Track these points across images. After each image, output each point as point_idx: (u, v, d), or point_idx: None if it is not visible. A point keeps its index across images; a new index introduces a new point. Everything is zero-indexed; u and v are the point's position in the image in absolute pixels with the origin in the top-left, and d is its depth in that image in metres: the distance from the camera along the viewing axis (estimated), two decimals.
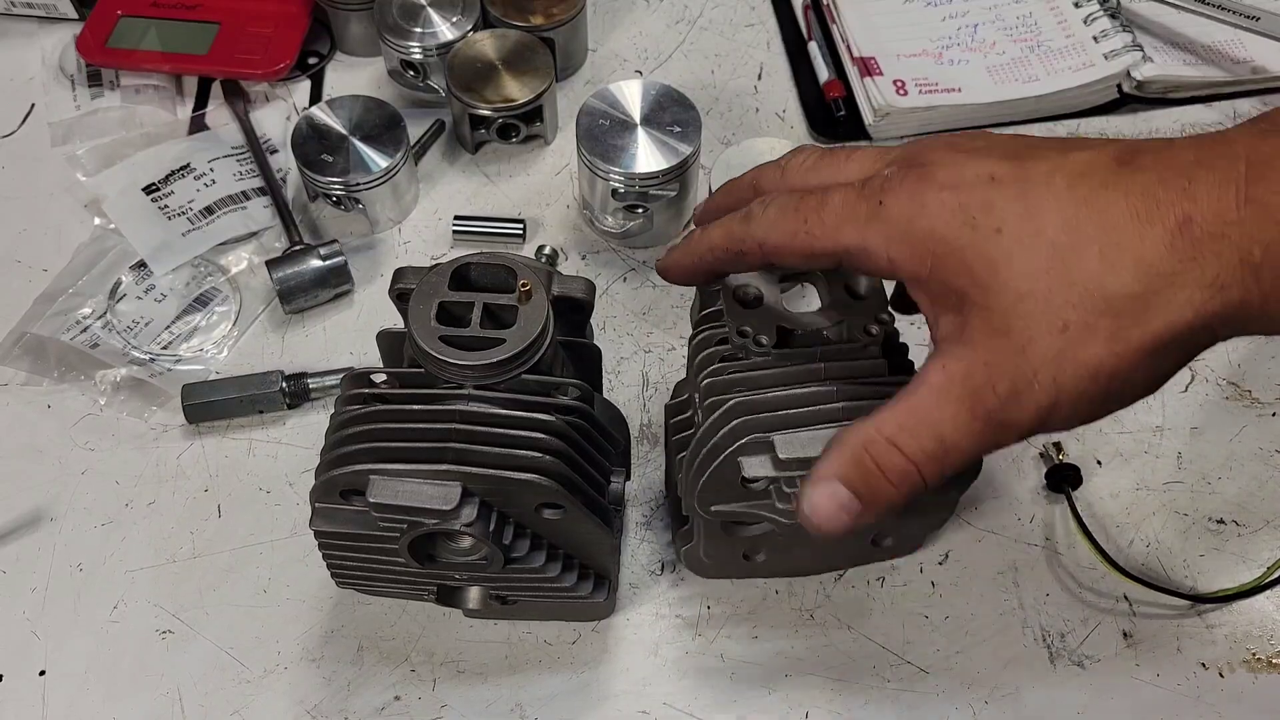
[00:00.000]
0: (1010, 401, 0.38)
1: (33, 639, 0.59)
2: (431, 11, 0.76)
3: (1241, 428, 0.65)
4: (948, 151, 0.41)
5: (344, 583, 0.56)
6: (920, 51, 0.80)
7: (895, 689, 0.57)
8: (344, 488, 0.48)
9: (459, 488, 0.46)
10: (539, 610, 0.58)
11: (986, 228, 0.39)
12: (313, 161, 0.70)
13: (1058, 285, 0.37)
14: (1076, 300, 0.37)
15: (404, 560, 0.50)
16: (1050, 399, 0.38)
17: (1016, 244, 0.38)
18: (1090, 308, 0.37)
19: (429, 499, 0.46)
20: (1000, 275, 0.38)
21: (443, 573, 0.52)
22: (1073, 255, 0.37)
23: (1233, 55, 0.79)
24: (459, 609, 0.57)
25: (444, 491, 0.46)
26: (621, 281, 0.71)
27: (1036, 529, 0.62)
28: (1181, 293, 0.36)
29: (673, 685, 0.57)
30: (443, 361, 0.47)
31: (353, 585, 0.56)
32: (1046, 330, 0.37)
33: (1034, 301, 0.38)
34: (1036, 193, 0.39)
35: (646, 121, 0.68)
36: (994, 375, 0.38)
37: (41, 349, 0.68)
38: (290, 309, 0.69)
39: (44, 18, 0.85)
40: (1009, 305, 0.38)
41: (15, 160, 0.78)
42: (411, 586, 0.54)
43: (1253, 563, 0.60)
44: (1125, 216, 0.37)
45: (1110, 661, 0.58)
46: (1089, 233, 0.37)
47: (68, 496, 0.64)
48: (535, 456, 0.47)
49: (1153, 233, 0.37)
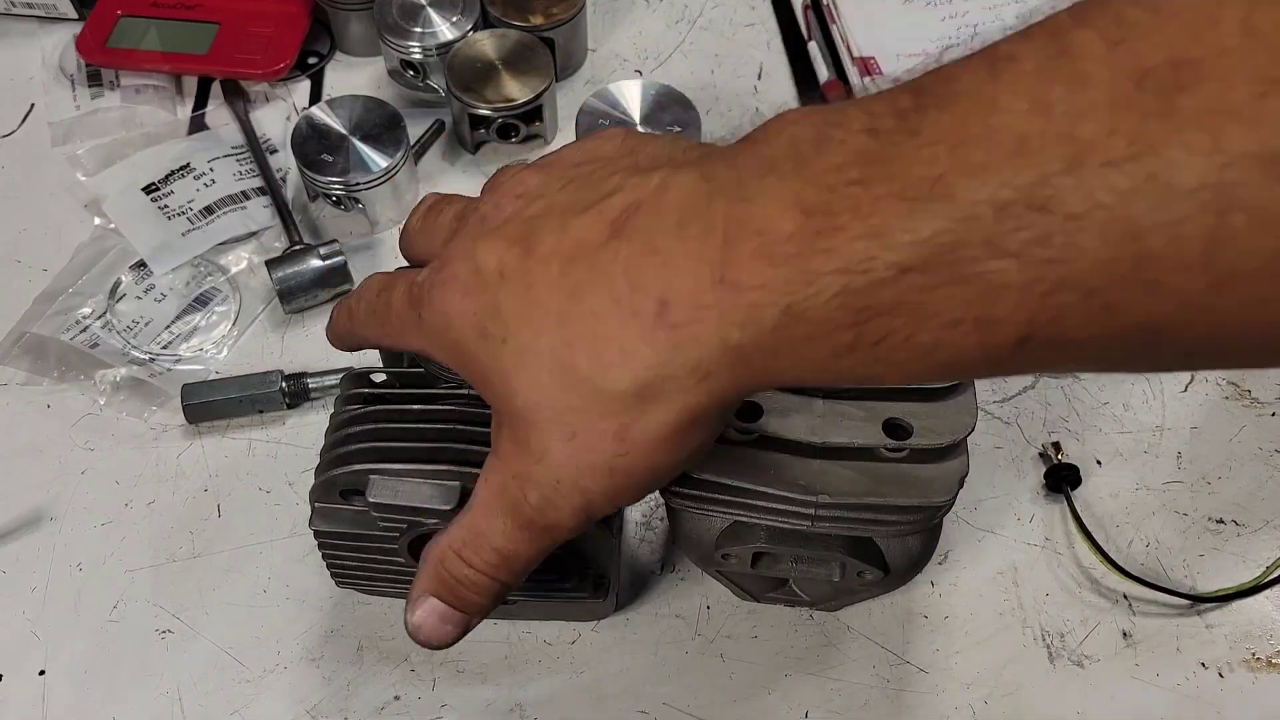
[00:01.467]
0: (545, 509, 0.38)
1: (33, 639, 0.59)
2: (431, 11, 0.76)
3: (1241, 427, 0.65)
4: (472, 239, 0.39)
5: (344, 582, 0.56)
6: (920, 51, 0.80)
7: (895, 689, 0.57)
8: (344, 488, 0.48)
9: (459, 487, 0.46)
10: (538, 611, 0.58)
11: (495, 338, 0.37)
12: (313, 161, 0.70)
13: (560, 391, 0.36)
14: (579, 404, 0.36)
15: (404, 560, 0.50)
16: (581, 500, 0.38)
17: (519, 353, 0.37)
18: (590, 411, 0.36)
19: (429, 499, 0.46)
20: (511, 385, 0.37)
21: None
22: (570, 356, 0.36)
23: None
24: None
25: (444, 491, 0.46)
26: None
27: (1036, 529, 0.62)
28: (671, 383, 0.34)
29: (673, 685, 0.57)
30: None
31: (352, 585, 0.56)
32: (558, 439, 0.37)
33: (543, 411, 0.37)
34: (536, 289, 0.36)
35: (646, 121, 0.68)
36: (524, 487, 0.38)
37: (41, 349, 0.68)
38: (290, 309, 0.69)
39: (44, 18, 0.85)
40: (524, 416, 0.37)
41: (15, 160, 0.78)
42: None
43: (1253, 562, 0.60)
44: (609, 305, 0.35)
45: (1110, 661, 0.58)
46: (579, 330, 0.35)
47: (67, 496, 0.64)
48: None
49: (635, 323, 0.34)
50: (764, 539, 0.50)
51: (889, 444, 0.45)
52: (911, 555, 0.52)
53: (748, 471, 0.46)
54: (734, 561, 0.52)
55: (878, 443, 0.45)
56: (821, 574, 0.53)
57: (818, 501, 0.45)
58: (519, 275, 0.37)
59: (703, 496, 0.47)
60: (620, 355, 0.35)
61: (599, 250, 0.35)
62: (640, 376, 0.35)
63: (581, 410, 0.36)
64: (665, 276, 0.34)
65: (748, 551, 0.52)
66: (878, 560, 0.51)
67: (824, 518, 0.46)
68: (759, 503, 0.46)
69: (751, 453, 0.46)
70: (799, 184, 0.32)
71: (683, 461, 0.38)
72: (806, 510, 0.46)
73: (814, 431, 0.46)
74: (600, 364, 0.35)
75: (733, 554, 0.52)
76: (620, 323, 0.35)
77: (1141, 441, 0.64)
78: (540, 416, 0.37)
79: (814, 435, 0.45)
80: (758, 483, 0.45)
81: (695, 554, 0.54)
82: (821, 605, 0.58)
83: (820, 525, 0.47)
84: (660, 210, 0.35)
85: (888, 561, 0.51)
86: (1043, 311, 0.29)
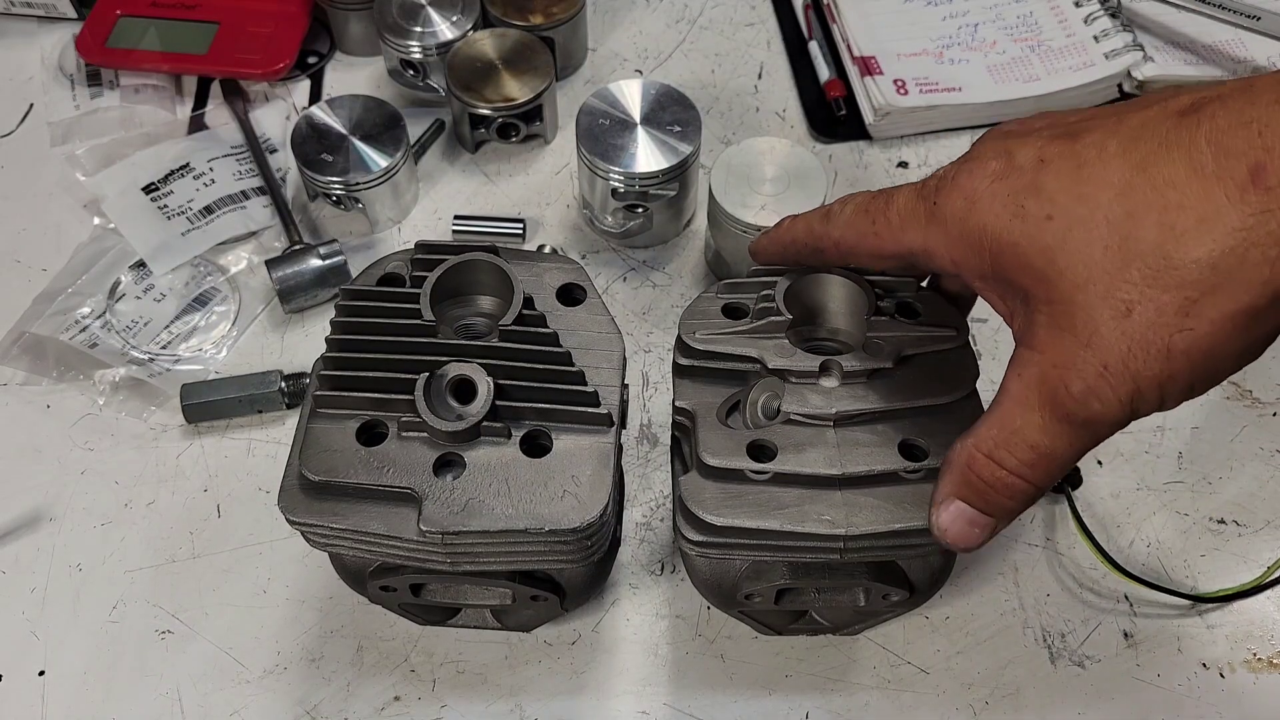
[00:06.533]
0: (1088, 399, 0.36)
1: (32, 639, 0.59)
2: (431, 11, 0.76)
3: (1242, 428, 0.65)
4: (1000, 140, 0.39)
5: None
6: (921, 51, 0.80)
7: (895, 689, 0.57)
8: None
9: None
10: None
11: (1037, 215, 0.36)
12: (312, 161, 0.70)
13: (1116, 265, 0.34)
14: (1138, 278, 0.34)
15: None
16: (1129, 389, 0.35)
17: (1069, 228, 0.35)
18: (1154, 283, 0.34)
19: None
20: (1057, 264, 0.36)
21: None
22: (1131, 227, 0.34)
23: (1233, 55, 0.79)
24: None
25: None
26: (621, 281, 0.71)
27: (1036, 529, 0.62)
28: (1255, 251, 0.33)
29: (673, 685, 0.57)
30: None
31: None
32: (1110, 317, 0.35)
33: (1094, 288, 0.35)
34: (1088, 167, 0.36)
35: (646, 121, 0.68)
36: (1065, 376, 0.36)
37: (40, 348, 0.68)
38: (290, 308, 0.69)
39: (43, 17, 0.85)
40: (1069, 296, 0.36)
41: (14, 160, 0.78)
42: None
43: (1253, 563, 0.60)
44: (1187, 173, 0.34)
45: (1110, 661, 0.58)
46: (1147, 199, 0.34)
47: (67, 496, 0.64)
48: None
49: (1220, 187, 0.33)
50: (787, 575, 0.50)
51: (908, 466, 0.45)
52: (934, 572, 0.52)
53: (772, 513, 0.45)
54: (758, 600, 0.52)
55: (897, 466, 0.45)
56: (846, 601, 0.53)
57: (847, 535, 0.44)
58: (1065, 158, 0.36)
59: (728, 543, 0.46)
60: (1198, 221, 0.33)
61: (1173, 128, 0.35)
62: (1221, 244, 0.33)
63: (1142, 283, 0.34)
64: (1262, 143, 0.33)
65: (771, 590, 0.51)
66: (902, 581, 0.51)
67: (854, 549, 0.46)
68: (787, 543, 0.46)
69: (771, 492, 0.45)
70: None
71: (1242, 353, 0.35)
72: (835, 545, 0.45)
73: (832, 463, 0.45)
74: (1173, 232, 0.34)
75: (757, 593, 0.51)
76: (1201, 189, 0.33)
77: (1142, 442, 0.64)
78: (1091, 294, 0.35)
79: (833, 467, 0.45)
80: (785, 523, 0.45)
81: (716, 598, 0.54)
82: (844, 630, 0.57)
83: (850, 556, 0.46)
84: (1250, 93, 0.34)
85: (911, 581, 0.51)
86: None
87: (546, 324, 0.48)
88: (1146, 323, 0.34)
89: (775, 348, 0.48)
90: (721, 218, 0.66)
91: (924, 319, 0.48)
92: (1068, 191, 0.36)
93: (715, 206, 0.66)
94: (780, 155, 0.67)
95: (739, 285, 0.50)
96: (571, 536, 0.45)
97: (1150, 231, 0.34)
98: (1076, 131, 0.37)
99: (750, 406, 0.48)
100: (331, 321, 0.48)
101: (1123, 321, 0.35)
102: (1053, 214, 0.36)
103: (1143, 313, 0.34)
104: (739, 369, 0.48)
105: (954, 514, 0.41)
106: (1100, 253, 0.35)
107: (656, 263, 0.72)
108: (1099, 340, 0.35)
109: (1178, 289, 0.34)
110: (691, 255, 0.73)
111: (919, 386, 0.47)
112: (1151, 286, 0.34)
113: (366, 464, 0.45)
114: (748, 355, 0.48)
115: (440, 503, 0.45)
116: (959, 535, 0.41)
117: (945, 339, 0.48)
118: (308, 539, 0.48)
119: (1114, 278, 0.35)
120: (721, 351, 0.48)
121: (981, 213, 0.38)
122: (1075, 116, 0.39)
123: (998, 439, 0.39)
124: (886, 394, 0.46)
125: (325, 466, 0.46)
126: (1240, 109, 0.34)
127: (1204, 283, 0.34)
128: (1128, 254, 0.34)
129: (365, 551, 0.48)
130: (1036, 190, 0.37)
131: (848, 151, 0.77)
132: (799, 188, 0.65)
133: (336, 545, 0.48)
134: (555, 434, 0.47)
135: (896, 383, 0.47)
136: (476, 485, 0.45)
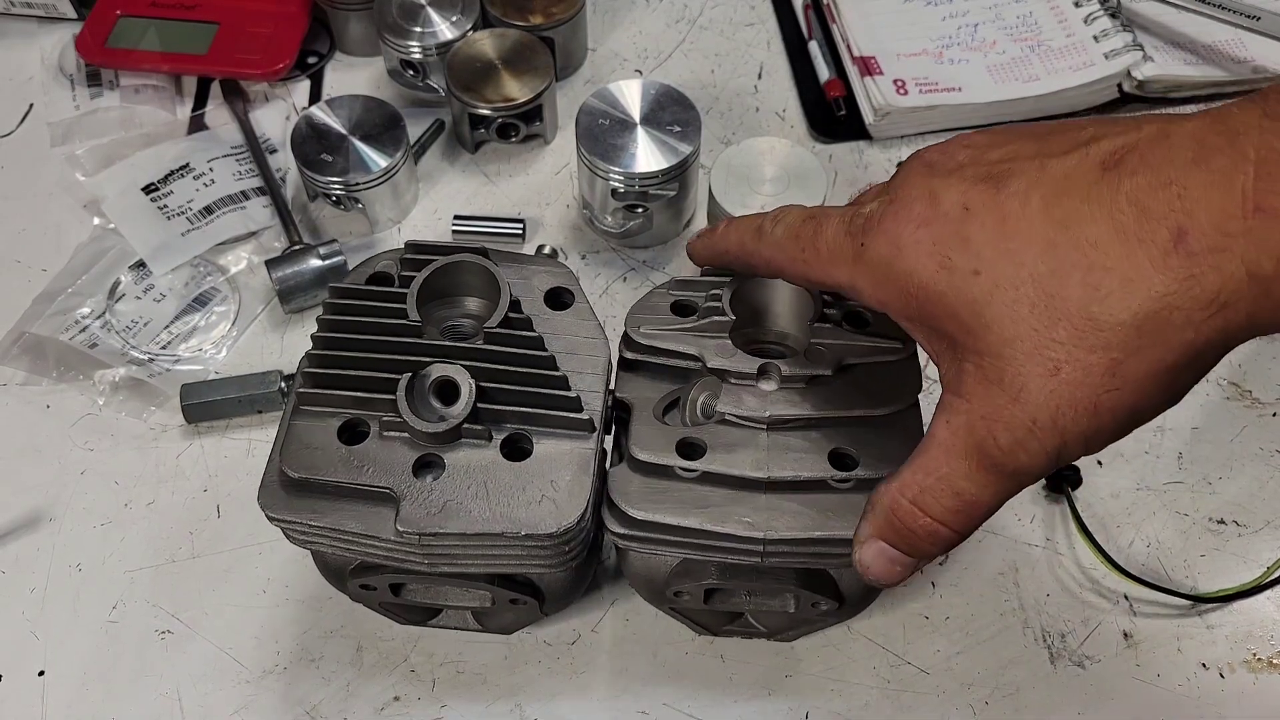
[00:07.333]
0: (1015, 451, 0.37)
1: (32, 639, 0.59)
2: (431, 11, 0.76)
3: (1242, 428, 0.65)
4: (924, 178, 0.39)
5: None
6: (920, 51, 0.80)
7: (895, 689, 0.57)
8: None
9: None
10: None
11: (964, 269, 0.36)
12: (312, 161, 0.70)
13: (1043, 323, 0.35)
14: (1065, 337, 0.35)
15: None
16: (1056, 442, 0.36)
17: (996, 284, 0.36)
18: (1081, 343, 0.35)
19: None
20: (984, 319, 0.36)
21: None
22: (1056, 286, 0.35)
23: (1233, 55, 0.79)
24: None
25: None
26: (621, 281, 0.71)
27: (1036, 529, 0.62)
28: (1178, 314, 0.33)
29: (673, 685, 0.57)
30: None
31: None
32: (1038, 374, 0.35)
33: (1021, 344, 0.36)
34: (1013, 221, 0.36)
35: (646, 121, 0.68)
36: (993, 428, 0.37)
37: (40, 349, 0.68)
38: (290, 309, 0.69)
39: (43, 18, 0.85)
40: (997, 350, 0.36)
41: (14, 160, 0.78)
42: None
43: (1253, 563, 0.60)
44: (1110, 234, 0.34)
45: (1110, 661, 0.58)
46: (1071, 258, 0.35)
47: (67, 497, 0.64)
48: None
49: (1142, 251, 0.34)
50: (715, 575, 0.50)
51: (836, 475, 0.45)
52: (866, 584, 0.51)
53: (694, 511, 0.45)
54: (687, 599, 0.52)
55: (825, 475, 0.45)
56: (776, 606, 0.53)
57: (765, 539, 0.45)
58: (989, 209, 0.37)
59: (650, 538, 0.47)
60: (1122, 283, 0.34)
61: (1094, 184, 0.35)
62: (1145, 307, 0.34)
63: (1069, 342, 0.35)
64: (1183, 206, 0.33)
65: (700, 588, 0.51)
66: (831, 591, 0.51)
67: (773, 554, 0.46)
68: (707, 542, 0.46)
69: (697, 491, 0.46)
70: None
71: (1166, 404, 0.36)
72: (755, 548, 0.45)
73: (759, 466, 0.45)
74: (1097, 293, 0.34)
75: (685, 591, 0.51)
76: (1124, 251, 0.34)
77: (1142, 442, 0.64)
78: (1018, 350, 0.36)
79: (759, 470, 0.45)
80: (705, 522, 0.45)
81: (647, 592, 0.54)
82: (779, 635, 0.58)
83: (771, 560, 0.46)
84: (1168, 148, 0.34)
85: (841, 591, 0.51)
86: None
87: (533, 327, 0.48)
88: (1074, 382, 0.35)
89: (717, 347, 0.48)
90: (722, 218, 0.66)
91: (872, 329, 0.48)
92: (993, 246, 0.36)
93: (715, 206, 0.66)
94: (780, 155, 0.67)
95: (689, 283, 0.51)
96: (548, 541, 0.45)
97: (1075, 290, 0.35)
98: (1000, 176, 0.37)
99: (690, 405, 0.48)
100: (318, 319, 0.48)
101: (1050, 380, 0.35)
102: (979, 269, 0.36)
103: (1070, 372, 0.35)
104: (681, 366, 0.49)
105: (875, 552, 0.42)
106: (1027, 311, 0.35)
107: (656, 263, 0.72)
108: (1027, 396, 0.36)
109: (1104, 350, 0.35)
110: None
111: (857, 396, 0.47)
112: (1078, 347, 0.35)
113: (346, 462, 0.46)
114: (689, 353, 0.48)
115: (418, 503, 0.45)
116: (881, 572, 0.42)
117: (890, 350, 0.48)
118: (288, 536, 0.48)
119: (1041, 336, 0.35)
120: (663, 348, 0.49)
121: (908, 259, 0.38)
122: (997, 154, 0.39)
123: (923, 485, 0.39)
124: (823, 401, 0.47)
125: (305, 464, 0.46)
126: (1159, 167, 0.34)
127: (1129, 344, 0.34)
128: (1054, 313, 0.35)
129: (344, 550, 0.48)
130: (963, 242, 0.37)
131: (848, 151, 0.77)
132: (799, 188, 0.65)
133: (316, 543, 0.48)
134: (536, 438, 0.47)
135: (835, 391, 0.47)
136: (455, 487, 0.45)
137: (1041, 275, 0.35)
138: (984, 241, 0.36)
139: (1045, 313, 0.35)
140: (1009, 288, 0.36)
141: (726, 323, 0.49)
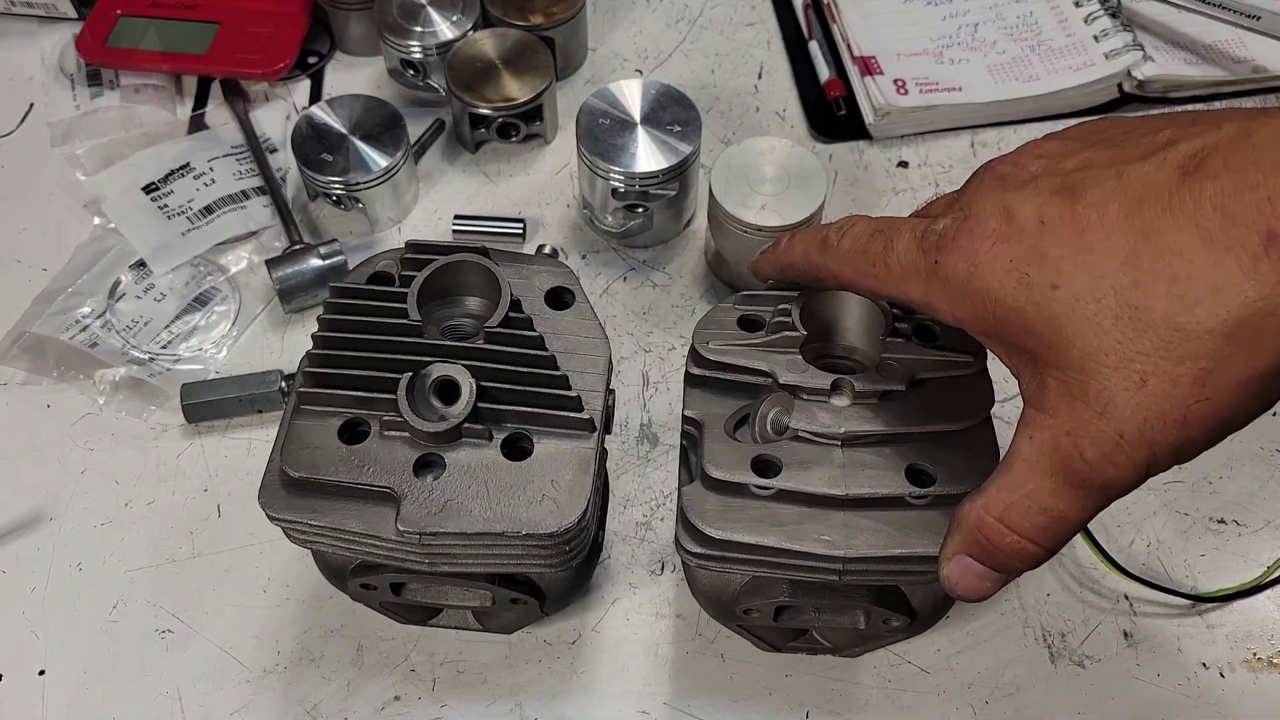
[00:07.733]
0: (1103, 466, 0.36)
1: (32, 639, 0.59)
2: (431, 11, 0.76)
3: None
4: (997, 192, 0.39)
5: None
6: (921, 50, 0.80)
7: (895, 689, 0.57)
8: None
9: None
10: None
11: (1042, 285, 0.36)
12: (313, 161, 0.70)
13: (1128, 336, 0.34)
14: (1151, 349, 0.34)
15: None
16: (1145, 455, 0.36)
17: (1076, 298, 0.35)
18: (1168, 355, 0.34)
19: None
20: (1065, 334, 0.36)
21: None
22: (1140, 298, 0.34)
23: (1233, 54, 0.79)
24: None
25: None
26: (621, 281, 0.71)
27: None
28: (1271, 320, 0.33)
29: (673, 685, 0.57)
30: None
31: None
32: (1124, 387, 0.35)
33: (1105, 358, 0.35)
34: (1091, 233, 0.35)
35: (646, 121, 0.68)
36: (1079, 443, 0.36)
37: (40, 348, 0.68)
38: (290, 308, 0.69)
39: (44, 17, 0.85)
40: (1080, 364, 0.35)
41: (14, 160, 0.78)
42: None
43: (1253, 562, 0.60)
44: (1195, 242, 0.33)
45: (1110, 661, 0.58)
46: (1154, 268, 0.34)
47: (67, 496, 0.64)
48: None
49: (1231, 257, 0.33)
50: (787, 593, 0.50)
51: (914, 491, 0.45)
52: (937, 599, 0.51)
53: (771, 530, 0.45)
54: (756, 616, 0.52)
55: (902, 491, 0.45)
56: (845, 623, 0.53)
57: (845, 557, 0.44)
58: (1066, 221, 0.36)
59: (726, 557, 0.46)
60: (1209, 292, 0.33)
61: (1175, 190, 0.34)
62: (1236, 314, 0.33)
63: (1155, 354, 0.34)
64: (1272, 210, 0.32)
65: (770, 606, 0.51)
66: (903, 607, 0.50)
67: (852, 571, 0.45)
68: (785, 560, 0.45)
69: (772, 508, 0.45)
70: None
71: (1259, 410, 0.36)
72: (834, 566, 0.45)
73: (836, 483, 0.45)
74: (1183, 303, 0.34)
75: (755, 609, 0.51)
76: (1211, 259, 0.33)
77: None
78: (1103, 364, 0.35)
79: (836, 487, 0.45)
80: (783, 540, 0.44)
81: (714, 609, 0.54)
82: (844, 651, 0.57)
83: (847, 578, 0.46)
84: (1251, 149, 0.34)
85: (914, 608, 0.51)
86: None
87: (533, 327, 0.48)
88: (1162, 394, 0.34)
89: (788, 363, 0.47)
90: (722, 217, 0.66)
91: (942, 342, 0.48)
92: (1072, 260, 0.36)
93: (715, 206, 0.66)
94: (780, 155, 0.67)
95: (756, 298, 0.50)
96: (549, 541, 0.45)
97: (1160, 302, 0.34)
98: (1075, 186, 0.37)
99: (759, 420, 0.47)
100: (319, 319, 0.48)
101: (1137, 393, 0.35)
102: (1058, 283, 0.36)
103: (1158, 384, 0.34)
104: (750, 382, 0.48)
105: (963, 569, 0.41)
106: (1110, 324, 0.35)
107: (657, 263, 0.72)
108: (1114, 410, 0.35)
109: (1192, 360, 0.34)
110: (691, 255, 0.73)
111: (931, 411, 0.46)
112: (1165, 359, 0.34)
113: (347, 462, 0.46)
114: (759, 369, 0.47)
115: (418, 503, 0.45)
116: (969, 589, 0.41)
117: (962, 364, 0.47)
118: (288, 535, 0.48)
119: (1126, 349, 0.35)
120: (733, 363, 0.48)
121: (984, 277, 0.38)
122: (1072, 163, 0.38)
123: (1008, 501, 0.39)
124: (897, 417, 0.46)
125: (306, 463, 0.46)
126: (1243, 170, 0.33)
127: (1219, 353, 0.34)
128: (1139, 325, 0.34)
129: (344, 549, 0.48)
130: (1040, 257, 0.36)
131: (848, 151, 0.77)
132: (799, 188, 0.65)
133: (316, 542, 0.48)
134: (537, 438, 0.47)
135: (908, 406, 0.46)
136: (456, 487, 0.45)
137: (1124, 287, 0.35)
138: (1062, 256, 0.36)
139: (1129, 325, 0.35)
140: (1090, 301, 0.35)
141: (797, 338, 0.48)
